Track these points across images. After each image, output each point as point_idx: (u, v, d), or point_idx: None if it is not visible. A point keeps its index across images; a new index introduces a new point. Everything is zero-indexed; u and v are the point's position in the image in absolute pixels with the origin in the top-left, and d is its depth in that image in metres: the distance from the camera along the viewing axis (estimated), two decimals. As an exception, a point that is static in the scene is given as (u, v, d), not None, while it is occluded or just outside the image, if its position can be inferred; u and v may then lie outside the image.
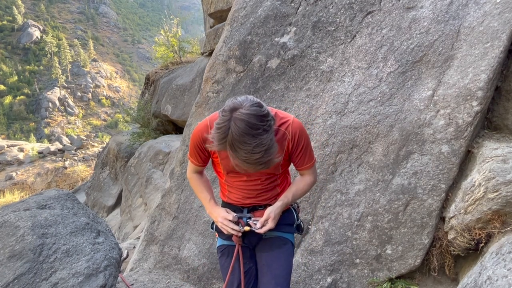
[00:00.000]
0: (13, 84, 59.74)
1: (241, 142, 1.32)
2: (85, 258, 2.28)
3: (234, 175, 1.77)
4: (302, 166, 1.79)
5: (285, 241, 1.86)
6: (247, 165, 1.38)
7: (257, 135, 1.32)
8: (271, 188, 1.83)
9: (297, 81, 3.21)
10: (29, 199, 2.60)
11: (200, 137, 1.71)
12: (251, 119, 1.33)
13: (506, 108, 2.76)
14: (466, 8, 2.68)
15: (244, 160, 1.36)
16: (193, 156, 1.83)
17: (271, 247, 1.83)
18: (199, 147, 1.75)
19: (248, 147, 1.32)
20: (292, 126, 1.67)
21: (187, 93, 8.20)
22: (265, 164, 1.39)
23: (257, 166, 1.39)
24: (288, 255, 1.84)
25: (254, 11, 3.45)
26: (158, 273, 3.48)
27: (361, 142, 2.88)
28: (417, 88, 2.75)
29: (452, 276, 2.68)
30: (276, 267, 1.79)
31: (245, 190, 1.81)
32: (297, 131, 1.68)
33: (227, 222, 1.72)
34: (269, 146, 1.35)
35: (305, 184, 1.84)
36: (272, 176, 1.80)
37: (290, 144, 1.68)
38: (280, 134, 1.65)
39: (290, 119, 1.68)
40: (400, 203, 2.70)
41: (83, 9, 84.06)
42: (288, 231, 1.88)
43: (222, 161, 1.73)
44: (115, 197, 9.87)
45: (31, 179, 26.50)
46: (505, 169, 2.22)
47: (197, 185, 1.92)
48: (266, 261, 1.81)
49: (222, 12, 7.19)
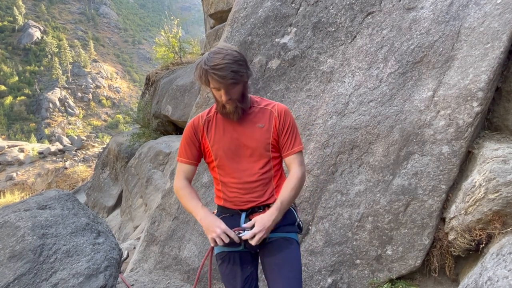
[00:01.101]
0: (14, 84, 59.83)
1: (214, 54, 1.56)
2: (85, 258, 2.28)
3: (228, 164, 1.75)
4: (291, 150, 1.76)
5: (291, 241, 1.80)
6: (221, 72, 1.52)
7: (227, 53, 1.55)
8: (266, 181, 1.78)
9: (297, 82, 3.21)
10: (30, 200, 2.60)
11: (192, 126, 1.80)
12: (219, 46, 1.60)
13: (507, 108, 2.76)
14: (466, 9, 2.68)
15: (218, 67, 1.52)
16: (184, 152, 1.81)
17: (279, 250, 1.76)
18: (191, 138, 1.79)
19: (219, 55, 1.54)
20: (278, 106, 1.81)
21: (188, 94, 8.21)
22: (236, 74, 1.54)
23: (230, 73, 1.53)
24: (296, 255, 1.79)
25: (254, 12, 3.45)
26: (158, 274, 3.48)
27: (362, 143, 2.88)
28: (418, 89, 2.75)
29: (452, 277, 2.68)
30: (287, 269, 1.73)
31: (240, 185, 1.76)
32: (283, 110, 1.79)
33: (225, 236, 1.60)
34: (239, 59, 1.56)
35: (295, 179, 1.74)
36: (266, 164, 1.76)
37: (277, 121, 1.76)
38: (267, 112, 1.78)
39: (275, 103, 1.83)
40: (401, 203, 2.69)
41: (84, 10, 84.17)
42: (292, 231, 1.83)
43: (214, 146, 1.76)
44: (116, 198, 9.87)
45: (31, 180, 26.52)
46: (506, 169, 2.22)
47: (186, 194, 1.78)
48: (276, 265, 1.74)
49: (222, 12, 7.21)
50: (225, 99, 1.61)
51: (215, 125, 1.79)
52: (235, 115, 1.70)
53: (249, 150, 1.75)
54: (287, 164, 1.83)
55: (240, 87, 1.64)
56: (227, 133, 1.76)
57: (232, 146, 1.75)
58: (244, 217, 1.78)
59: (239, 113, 1.70)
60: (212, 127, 1.79)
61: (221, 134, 1.77)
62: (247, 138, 1.75)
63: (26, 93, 59.47)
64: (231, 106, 1.66)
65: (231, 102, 1.64)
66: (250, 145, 1.75)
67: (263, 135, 1.75)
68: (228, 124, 1.77)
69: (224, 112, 1.72)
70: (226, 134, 1.76)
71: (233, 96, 1.63)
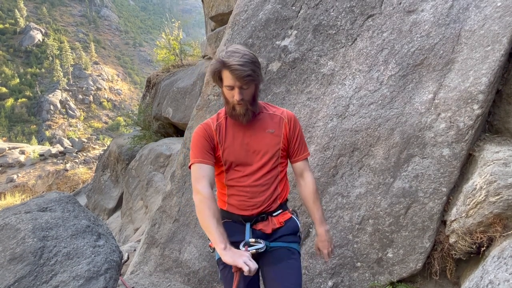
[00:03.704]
0: (15, 86, 60.00)
1: (232, 52, 1.56)
2: (85, 261, 2.28)
3: (236, 169, 1.75)
4: (301, 155, 1.85)
5: (293, 251, 1.78)
6: (240, 68, 1.53)
7: (244, 53, 1.57)
8: (273, 187, 1.78)
9: (298, 84, 3.22)
10: (30, 202, 2.60)
11: (204, 130, 1.75)
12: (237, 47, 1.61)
13: (507, 111, 2.76)
14: (467, 12, 2.69)
15: (238, 63, 1.53)
16: (200, 154, 1.68)
17: (280, 260, 1.73)
18: (207, 140, 1.72)
19: (238, 54, 1.55)
20: (287, 112, 1.84)
21: (188, 96, 8.22)
22: (253, 72, 1.56)
23: (248, 71, 1.54)
24: (297, 267, 1.76)
25: (255, 15, 3.46)
26: (159, 276, 3.48)
27: (362, 145, 2.88)
28: (418, 91, 2.75)
29: (453, 280, 2.67)
30: (287, 280, 1.70)
31: (247, 188, 1.75)
32: (292, 117, 1.83)
33: (249, 261, 1.47)
34: (256, 61, 1.59)
35: (315, 187, 1.88)
36: (273, 169, 1.77)
37: (287, 126, 1.79)
38: (277, 118, 1.80)
39: (283, 109, 1.86)
40: (401, 206, 2.69)
41: (85, 12, 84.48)
42: (294, 241, 1.82)
43: (224, 151, 1.73)
44: (116, 200, 9.87)
45: (32, 182, 26.53)
46: (507, 172, 2.22)
47: (210, 216, 1.55)
48: (276, 275, 1.71)
49: (223, 15, 7.22)
50: (238, 98, 1.60)
51: (225, 131, 1.77)
52: (245, 117, 1.69)
53: (259, 155, 1.75)
54: (297, 170, 1.88)
55: (253, 88, 1.65)
56: (237, 138, 1.76)
57: (242, 151, 1.75)
58: (248, 227, 1.76)
59: (249, 116, 1.69)
60: (223, 132, 1.77)
61: (231, 139, 1.76)
62: (257, 143, 1.75)
63: (27, 95, 59.63)
64: (242, 108, 1.65)
65: (242, 103, 1.63)
66: (260, 150, 1.75)
67: (274, 140, 1.77)
68: (238, 129, 1.76)
69: (234, 114, 1.69)
70: (236, 139, 1.75)
71: (246, 96, 1.63)
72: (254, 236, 1.75)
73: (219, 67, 1.59)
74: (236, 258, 1.47)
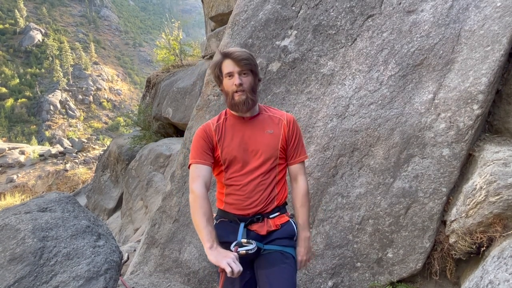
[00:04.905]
0: (15, 86, 59.98)
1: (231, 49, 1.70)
2: (85, 261, 2.28)
3: (235, 168, 1.76)
4: (298, 157, 1.86)
5: (287, 256, 1.75)
6: (237, 54, 1.65)
7: (242, 49, 1.71)
8: (270, 187, 1.78)
9: (297, 84, 3.22)
10: (30, 202, 2.60)
11: (204, 130, 1.78)
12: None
13: (507, 111, 2.76)
14: (466, 12, 2.69)
15: (235, 52, 1.66)
16: (199, 154, 1.72)
17: (273, 264, 1.70)
18: (205, 141, 1.75)
19: (236, 48, 1.71)
20: (287, 115, 1.87)
21: (188, 96, 8.22)
22: (251, 60, 1.68)
23: (246, 57, 1.66)
24: (291, 272, 1.72)
25: (255, 15, 3.46)
26: (159, 276, 3.48)
27: (362, 145, 2.88)
28: (418, 92, 2.75)
29: (453, 280, 2.67)
30: (279, 286, 1.65)
31: (244, 188, 1.75)
32: (292, 119, 1.86)
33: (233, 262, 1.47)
34: (253, 57, 1.71)
35: (307, 193, 1.87)
36: (271, 169, 1.77)
37: (286, 128, 1.82)
38: (276, 120, 1.83)
39: (283, 111, 1.90)
40: (401, 206, 2.69)
41: (85, 13, 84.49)
42: (289, 245, 1.79)
43: (223, 150, 1.75)
44: (116, 200, 9.87)
45: (32, 182, 26.54)
46: (506, 172, 2.22)
47: (201, 215, 1.59)
48: (268, 280, 1.66)
49: (223, 15, 7.22)
50: (237, 82, 1.65)
51: (224, 131, 1.79)
52: (245, 105, 1.70)
53: (257, 155, 1.76)
54: (292, 172, 1.88)
55: (252, 78, 1.71)
56: (236, 138, 1.77)
57: (241, 151, 1.76)
58: (242, 227, 1.75)
59: (249, 103, 1.71)
60: (222, 132, 1.79)
61: (230, 139, 1.77)
62: (256, 143, 1.76)
63: (27, 96, 59.61)
64: (241, 96, 1.68)
65: (241, 90, 1.67)
66: (258, 150, 1.76)
67: (273, 141, 1.78)
68: (237, 129, 1.78)
69: (233, 103, 1.71)
70: (235, 139, 1.77)
71: (245, 84, 1.67)
72: (248, 237, 1.72)
73: (219, 59, 1.70)
74: (220, 259, 1.48)
